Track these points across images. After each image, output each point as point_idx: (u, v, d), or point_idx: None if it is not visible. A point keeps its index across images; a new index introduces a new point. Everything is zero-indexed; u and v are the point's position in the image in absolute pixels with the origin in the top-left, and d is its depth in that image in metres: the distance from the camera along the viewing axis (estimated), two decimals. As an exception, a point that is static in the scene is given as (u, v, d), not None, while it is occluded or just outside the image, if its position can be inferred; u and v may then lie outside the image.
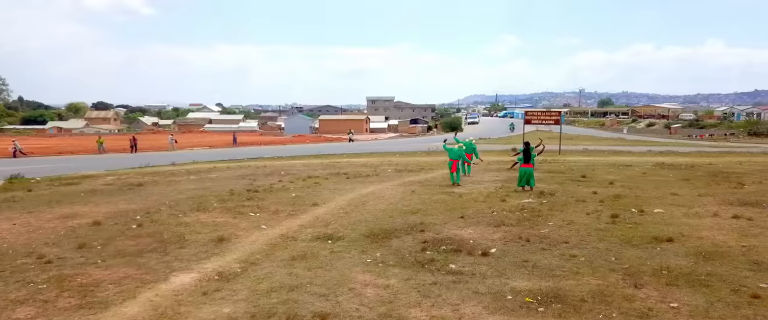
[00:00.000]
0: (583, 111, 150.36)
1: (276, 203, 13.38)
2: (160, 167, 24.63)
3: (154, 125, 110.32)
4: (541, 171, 19.56)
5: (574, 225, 10.37)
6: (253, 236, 9.89)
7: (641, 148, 36.94)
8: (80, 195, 15.31)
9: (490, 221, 10.77)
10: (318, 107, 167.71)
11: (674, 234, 9.49)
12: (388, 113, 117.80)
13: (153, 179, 19.17)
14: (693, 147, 40.15)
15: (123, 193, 15.60)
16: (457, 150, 16.26)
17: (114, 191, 16.11)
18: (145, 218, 11.65)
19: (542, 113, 33.02)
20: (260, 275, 7.56)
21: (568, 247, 8.86)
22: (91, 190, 16.35)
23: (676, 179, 17.15)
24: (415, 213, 11.74)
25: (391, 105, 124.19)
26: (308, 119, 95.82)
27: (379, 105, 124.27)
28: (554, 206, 12.23)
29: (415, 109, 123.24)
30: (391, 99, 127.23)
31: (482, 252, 8.53)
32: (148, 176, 20.28)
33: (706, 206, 12.16)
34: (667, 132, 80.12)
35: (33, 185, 17.98)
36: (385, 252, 8.67)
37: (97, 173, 21.82)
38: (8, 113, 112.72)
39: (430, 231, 10.01)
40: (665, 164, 22.51)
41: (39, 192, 16.04)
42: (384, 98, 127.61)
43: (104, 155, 37.32)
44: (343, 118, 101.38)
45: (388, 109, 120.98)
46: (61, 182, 18.45)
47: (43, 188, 16.95)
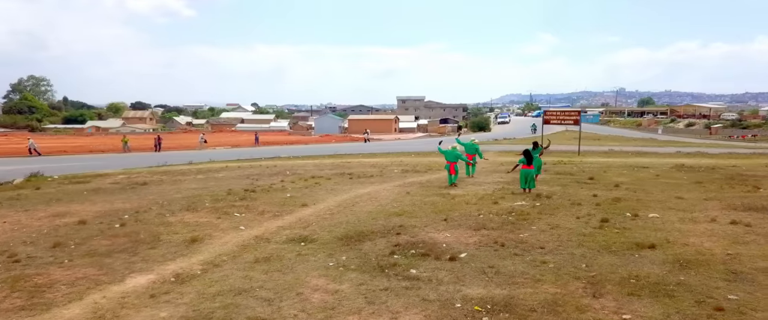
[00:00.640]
0: (620, 111, 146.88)
1: (266, 203, 13.35)
2: (174, 166, 24.97)
3: (188, 125, 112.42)
4: (550, 173, 19.08)
5: (557, 230, 10.00)
6: (228, 238, 9.85)
7: (670, 149, 35.74)
8: (83, 193, 15.61)
9: (472, 225, 10.48)
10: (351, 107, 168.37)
11: (659, 241, 9.06)
12: (418, 112, 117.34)
13: (160, 178, 19.43)
14: (727, 148, 38.68)
15: (124, 192, 15.83)
16: (451, 152, 15.91)
17: (117, 190, 16.36)
18: (132, 217, 11.75)
19: (561, 113, 32.23)
20: (216, 277, 7.49)
21: (542, 253, 8.53)
22: (96, 188, 16.65)
23: (688, 182, 16.47)
24: (401, 215, 11.53)
25: (421, 105, 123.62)
26: (338, 119, 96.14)
27: (409, 105, 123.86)
28: (545, 210, 11.85)
29: (446, 108, 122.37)
30: (421, 99, 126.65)
31: (450, 257, 8.29)
32: (157, 175, 20.57)
33: (706, 211, 11.59)
34: (707, 132, 77.56)
35: (45, 183, 18.43)
36: (351, 256, 8.51)
37: (111, 172, 22.26)
38: (51, 112, 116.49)
39: (406, 234, 9.80)
40: (685, 166, 21.67)
41: (46, 190, 16.43)
42: (414, 98, 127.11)
43: (128, 154, 38.13)
44: (372, 117, 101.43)
45: (418, 108, 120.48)
46: (71, 181, 18.87)
47: (52, 186, 17.36)
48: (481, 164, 21.86)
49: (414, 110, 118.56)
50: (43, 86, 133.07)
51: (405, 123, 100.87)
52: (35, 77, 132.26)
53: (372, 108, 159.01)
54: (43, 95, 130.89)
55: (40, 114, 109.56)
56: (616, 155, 29.05)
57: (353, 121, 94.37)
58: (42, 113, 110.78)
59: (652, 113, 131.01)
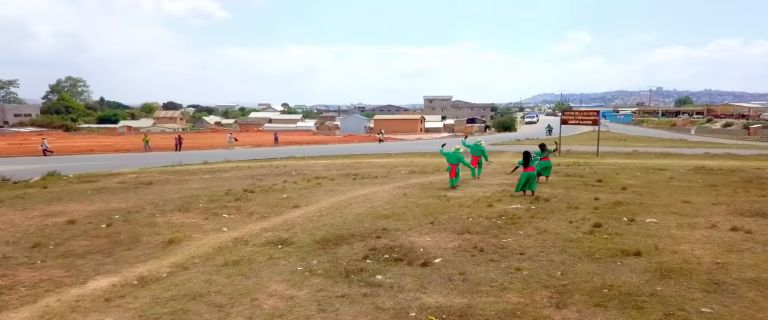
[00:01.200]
0: (654, 110, 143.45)
1: (259, 204, 13.26)
2: (188, 165, 25.19)
3: (217, 124, 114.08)
4: (560, 175, 18.58)
5: (544, 235, 9.63)
6: (207, 239, 9.76)
7: (697, 150, 34.52)
8: (87, 193, 15.78)
9: (457, 228, 10.17)
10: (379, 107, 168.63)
11: (647, 247, 8.63)
12: (445, 112, 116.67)
13: (167, 177, 19.58)
14: (760, 150, 37.17)
15: (126, 191, 15.96)
16: (452, 154, 15.53)
17: (120, 189, 16.52)
18: (123, 217, 11.78)
19: (580, 113, 31.42)
20: (178, 281, 7.37)
21: (520, 259, 8.19)
22: (101, 188, 16.84)
23: (702, 185, 15.79)
24: (389, 218, 11.29)
25: (448, 104, 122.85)
26: (363, 119, 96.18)
27: (436, 104, 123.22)
28: (539, 213, 11.46)
29: (474, 108, 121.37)
30: (448, 98, 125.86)
31: (423, 262, 8.02)
32: (166, 174, 20.74)
33: (710, 216, 11.05)
34: (745, 133, 74.88)
35: (55, 182, 18.74)
36: (323, 260, 8.31)
37: (123, 171, 22.55)
38: (87, 112, 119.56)
39: (386, 238, 9.55)
40: (705, 168, 20.85)
41: (53, 189, 16.68)
42: (441, 98, 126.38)
43: (149, 153, 38.73)
44: (397, 117, 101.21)
45: (445, 108, 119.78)
46: (81, 180, 19.15)
47: (59, 185, 17.64)
48: (492, 165, 21.46)
49: (441, 110, 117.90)
50: (80, 86, 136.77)
51: (431, 123, 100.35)
52: (72, 78, 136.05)
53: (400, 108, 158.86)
54: (79, 95, 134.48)
55: (76, 114, 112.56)
56: (637, 157, 28.22)
57: (379, 121, 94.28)
58: (78, 113, 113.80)
59: (687, 112, 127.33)
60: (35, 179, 19.60)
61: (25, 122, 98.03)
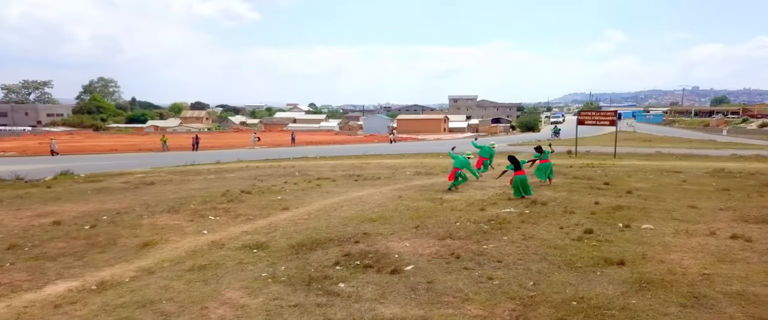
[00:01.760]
0: (686, 110, 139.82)
1: (250, 206, 13.10)
2: (197, 166, 25.26)
3: (242, 124, 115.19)
4: (568, 177, 18.03)
5: (529, 241, 9.21)
6: (184, 242, 9.60)
7: (724, 151, 33.33)
8: (87, 193, 15.85)
9: (440, 233, 9.82)
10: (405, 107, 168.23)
11: (634, 256, 8.16)
12: (470, 111, 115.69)
13: (172, 178, 19.61)
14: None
15: (125, 192, 15.99)
16: (460, 158, 15.10)
17: (120, 189, 16.56)
18: (110, 218, 11.73)
19: (597, 114, 30.64)
20: (137, 286, 7.20)
21: (496, 267, 7.81)
22: (102, 188, 16.91)
23: (715, 188, 15.08)
24: (375, 221, 10.98)
25: (473, 104, 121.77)
26: (386, 119, 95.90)
27: (461, 104, 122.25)
28: (531, 218, 11.02)
29: (499, 108, 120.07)
30: (474, 98, 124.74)
31: (393, 270, 7.70)
32: (172, 175, 20.80)
33: (712, 223, 10.47)
34: (783, 133, 72.21)
35: (62, 181, 18.93)
36: (292, 266, 8.06)
37: (132, 171, 22.71)
38: (117, 112, 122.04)
39: (365, 243, 9.25)
40: (724, 170, 20.00)
41: (56, 189, 16.81)
42: (466, 97, 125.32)
43: (166, 153, 39.11)
44: (420, 117, 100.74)
45: (470, 108, 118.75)
46: (87, 180, 19.31)
47: (64, 185, 17.79)
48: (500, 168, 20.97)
49: (466, 110, 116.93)
50: (111, 87, 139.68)
51: (455, 123, 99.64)
52: (104, 79, 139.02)
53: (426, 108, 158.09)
54: (110, 95, 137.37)
55: (106, 114, 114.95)
56: (657, 158, 27.32)
57: (402, 121, 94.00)
58: (108, 113, 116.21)
59: (722, 112, 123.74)
60: (46, 179, 19.86)
61: (57, 122, 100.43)
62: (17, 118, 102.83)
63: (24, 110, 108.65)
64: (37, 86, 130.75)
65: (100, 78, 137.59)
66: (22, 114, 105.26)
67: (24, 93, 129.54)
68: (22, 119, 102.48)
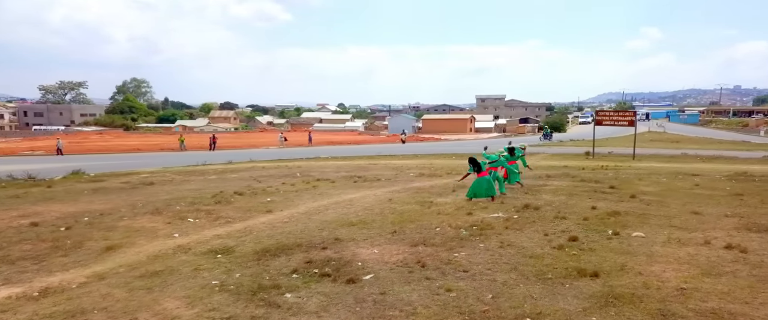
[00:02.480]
0: (724, 110, 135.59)
1: (236, 208, 12.85)
2: (207, 166, 25.25)
3: (269, 124, 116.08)
4: (576, 179, 17.35)
5: (506, 249, 8.69)
6: (150, 246, 9.35)
7: (756, 153, 31.86)
8: (83, 193, 15.84)
9: (415, 239, 9.36)
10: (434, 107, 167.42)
11: (612, 267, 7.58)
12: (498, 111, 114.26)
13: (173, 178, 19.56)
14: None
15: (120, 192, 15.93)
16: (494, 157, 14.25)
17: (117, 189, 16.52)
18: (90, 220, 11.58)
19: (614, 114, 29.60)
20: (76, 294, 6.93)
21: (460, 277, 7.34)
22: (100, 188, 16.91)
23: (728, 193, 14.24)
24: (354, 226, 10.59)
25: (501, 104, 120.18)
26: (411, 119, 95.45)
27: (489, 104, 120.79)
28: (517, 224, 10.47)
29: (528, 107, 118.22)
30: (501, 98, 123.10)
31: (350, 279, 7.29)
32: (177, 175, 20.76)
33: (710, 231, 9.77)
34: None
35: (66, 181, 19.05)
36: (248, 273, 7.71)
37: (139, 171, 22.77)
38: (148, 112, 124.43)
39: (333, 249, 8.87)
40: (746, 174, 19.01)
41: (56, 188, 16.88)
42: (494, 97, 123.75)
43: (183, 153, 39.40)
44: (446, 117, 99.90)
45: (498, 107, 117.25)
46: (91, 179, 19.40)
47: (65, 185, 17.86)
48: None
49: (494, 109, 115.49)
50: (144, 87, 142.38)
51: (482, 123, 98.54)
52: (137, 79, 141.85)
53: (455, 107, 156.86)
54: (143, 95, 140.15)
55: (138, 114, 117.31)
56: (679, 160, 26.22)
57: (427, 121, 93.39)
58: (140, 113, 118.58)
59: (762, 112, 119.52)
60: (56, 178, 20.04)
61: (90, 122, 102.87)
62: (52, 117, 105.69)
63: (59, 110, 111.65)
64: (72, 87, 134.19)
65: (133, 79, 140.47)
66: (57, 114, 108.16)
67: (60, 94, 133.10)
68: (57, 118, 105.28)
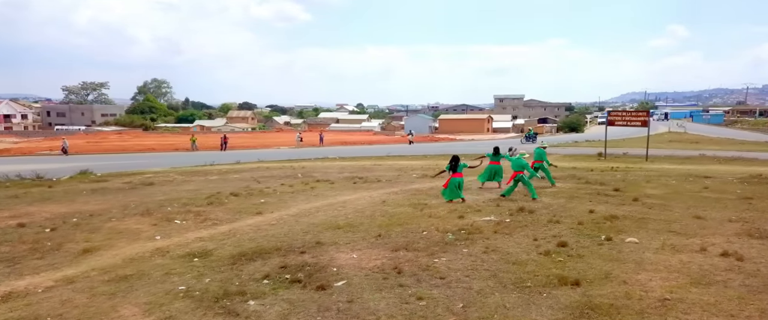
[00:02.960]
0: (750, 110, 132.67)
1: (227, 209, 12.69)
2: (213, 166, 25.21)
3: (286, 124, 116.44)
4: (581, 181, 16.91)
5: (489, 255, 8.35)
6: (128, 249, 9.20)
7: (776, 154, 30.94)
8: (82, 193, 15.82)
9: (399, 244, 9.07)
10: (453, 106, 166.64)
11: (596, 276, 7.22)
12: (517, 111, 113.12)
13: (174, 178, 19.52)
14: None
15: (117, 192, 15.88)
16: (518, 160, 13.80)
17: (115, 190, 16.48)
18: (78, 221, 11.49)
19: (627, 114, 28.91)
20: (37, 299, 6.76)
21: (435, 285, 7.03)
22: (100, 188, 16.89)
23: (736, 197, 13.69)
24: (340, 229, 10.33)
25: (520, 104, 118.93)
26: (428, 119, 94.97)
27: (507, 104, 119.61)
28: (507, 228, 10.10)
29: (547, 107, 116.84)
30: (520, 97, 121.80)
31: (320, 286, 7.03)
32: (180, 175, 20.72)
33: (710, 236, 9.32)
34: None
35: (69, 181, 19.11)
36: (219, 278, 7.50)
37: (144, 171, 22.80)
38: (168, 112, 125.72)
39: (311, 253, 8.61)
40: (761, 176, 18.34)
41: (56, 189, 16.90)
42: (512, 96, 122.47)
43: (194, 153, 39.54)
44: (463, 117, 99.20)
45: (517, 107, 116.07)
46: (94, 179, 19.43)
47: (68, 185, 17.90)
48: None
49: (512, 109, 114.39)
50: (164, 87, 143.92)
51: (499, 123, 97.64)
52: (157, 80, 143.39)
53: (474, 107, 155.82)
54: (163, 96, 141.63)
55: (157, 114, 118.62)
56: (695, 162, 25.49)
57: (444, 121, 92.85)
58: (159, 113, 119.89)
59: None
60: (62, 178, 20.13)
61: (110, 122, 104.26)
62: (74, 118, 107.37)
63: (80, 110, 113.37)
64: (94, 87, 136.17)
65: (154, 79, 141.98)
66: (78, 114, 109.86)
67: (83, 94, 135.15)
68: (79, 118, 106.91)
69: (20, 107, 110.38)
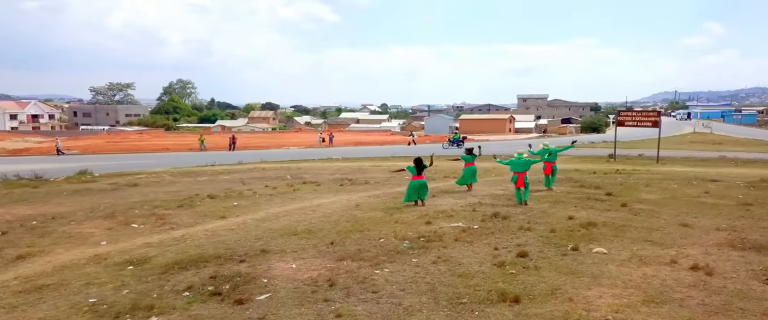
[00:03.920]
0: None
1: (194, 213, 12.30)
2: (211, 166, 24.97)
3: (306, 124, 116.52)
4: (576, 184, 16.12)
5: (438, 266, 7.74)
6: (64, 255, 8.80)
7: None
8: (62, 194, 15.62)
9: (349, 252, 8.50)
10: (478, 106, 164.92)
11: (541, 292, 6.57)
12: (541, 111, 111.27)
13: (163, 179, 19.27)
14: None
15: (95, 194, 15.63)
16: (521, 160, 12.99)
17: (97, 191, 16.24)
18: (36, 224, 11.20)
19: (637, 114, 27.77)
20: (-61, 308, 6.43)
21: (364, 300, 6.46)
22: (84, 189, 16.67)
23: (736, 203, 12.78)
24: (294, 235, 9.81)
25: (544, 103, 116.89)
26: (448, 119, 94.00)
27: (530, 104, 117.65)
28: (471, 235, 9.45)
29: (572, 107, 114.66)
30: (544, 97, 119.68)
31: (239, 300, 6.51)
32: (169, 176, 20.48)
33: (688, 247, 8.56)
34: None
35: (58, 182, 19.00)
36: (138, 289, 7.02)
37: (140, 171, 22.61)
38: (192, 112, 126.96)
39: (250, 263, 8.10)
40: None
41: (41, 189, 16.76)
42: (536, 96, 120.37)
43: (202, 153, 39.46)
44: (484, 117, 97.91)
45: (540, 107, 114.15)
46: (83, 180, 19.27)
47: (53, 185, 17.76)
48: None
49: (536, 109, 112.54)
50: (189, 88, 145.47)
51: (522, 123, 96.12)
52: (183, 81, 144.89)
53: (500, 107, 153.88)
54: (188, 96, 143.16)
55: (181, 114, 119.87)
56: (709, 164, 24.26)
57: (465, 121, 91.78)
58: (183, 113, 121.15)
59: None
60: (58, 178, 20.04)
61: (133, 122, 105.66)
62: (99, 118, 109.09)
63: (106, 110, 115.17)
64: (121, 88, 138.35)
65: (179, 80, 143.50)
66: (103, 114, 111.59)
67: (109, 94, 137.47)
68: (104, 118, 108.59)
69: (48, 108, 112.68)
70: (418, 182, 12.49)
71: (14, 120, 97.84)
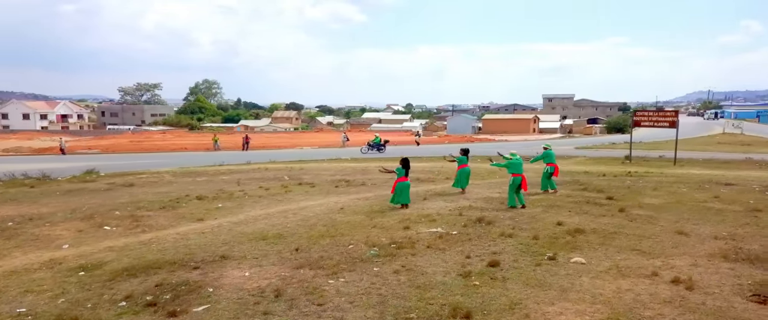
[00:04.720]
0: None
1: (173, 215, 11.99)
2: (217, 166, 24.74)
3: (329, 124, 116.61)
4: (578, 187, 15.38)
5: (399, 276, 7.23)
6: (18, 259, 8.51)
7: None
8: (54, 194, 15.47)
9: (310, 260, 8.05)
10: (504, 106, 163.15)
11: (497, 307, 6.03)
12: (566, 111, 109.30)
13: (160, 179, 19.09)
14: None
15: (87, 194, 15.46)
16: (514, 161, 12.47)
17: (88, 192, 16.06)
18: (10, 225, 11.02)
19: (654, 114, 26.63)
20: None
21: (306, 313, 6.02)
22: (78, 189, 16.54)
23: (744, 209, 11.93)
24: (262, 240, 9.40)
25: (569, 103, 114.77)
26: (470, 119, 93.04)
27: (556, 103, 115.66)
28: (447, 242, 8.92)
29: (599, 107, 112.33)
30: (570, 97, 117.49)
31: (173, 311, 6.13)
32: (169, 176, 20.30)
33: (674, 258, 7.89)
34: None
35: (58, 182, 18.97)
36: (75, 298, 6.69)
37: (142, 171, 22.49)
38: (216, 112, 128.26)
39: (203, 269, 7.71)
40: (793, 183, 16.23)
41: (38, 188, 16.69)
42: (562, 96, 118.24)
43: (216, 152, 39.49)
44: (507, 117, 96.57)
45: (566, 107, 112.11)
46: (80, 180, 19.20)
47: (53, 185, 17.69)
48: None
49: (561, 109, 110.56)
50: (215, 88, 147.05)
51: (547, 123, 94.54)
52: (208, 81, 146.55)
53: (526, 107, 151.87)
54: (213, 96, 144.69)
55: (205, 114, 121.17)
56: (728, 167, 23.14)
57: (488, 121, 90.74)
58: (207, 113, 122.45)
59: None
60: (62, 178, 20.05)
61: (158, 122, 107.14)
62: (126, 117, 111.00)
63: (132, 110, 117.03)
64: (148, 88, 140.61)
65: (205, 80, 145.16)
66: (130, 114, 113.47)
67: (137, 95, 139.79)
68: (130, 118, 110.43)
69: (77, 108, 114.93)
70: (405, 184, 12.02)
71: (44, 120, 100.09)
